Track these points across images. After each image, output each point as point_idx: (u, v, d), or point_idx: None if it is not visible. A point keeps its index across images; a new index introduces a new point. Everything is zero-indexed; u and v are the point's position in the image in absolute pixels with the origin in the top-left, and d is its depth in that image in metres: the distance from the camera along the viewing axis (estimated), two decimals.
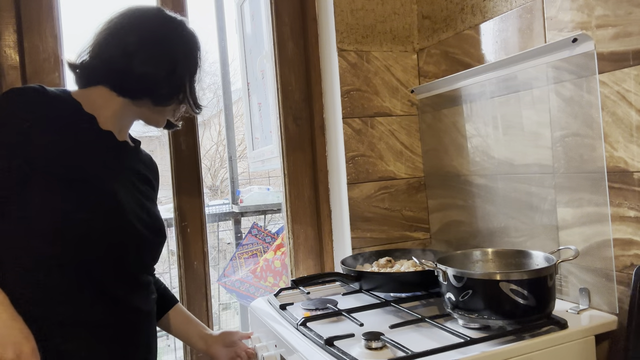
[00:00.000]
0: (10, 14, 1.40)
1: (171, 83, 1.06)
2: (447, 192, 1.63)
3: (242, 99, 2.43)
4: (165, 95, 1.07)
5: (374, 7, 1.66)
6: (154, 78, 1.04)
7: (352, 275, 1.39)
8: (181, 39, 1.09)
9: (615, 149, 1.10)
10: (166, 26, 1.08)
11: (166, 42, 1.07)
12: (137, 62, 1.02)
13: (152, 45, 1.04)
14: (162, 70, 1.04)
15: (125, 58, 1.02)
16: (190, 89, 1.10)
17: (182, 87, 1.09)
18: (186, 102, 1.12)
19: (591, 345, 1.08)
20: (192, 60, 1.11)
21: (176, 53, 1.07)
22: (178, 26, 1.09)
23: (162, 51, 1.05)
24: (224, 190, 6.19)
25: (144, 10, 1.08)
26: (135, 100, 1.06)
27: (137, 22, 1.06)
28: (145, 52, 1.03)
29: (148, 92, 1.05)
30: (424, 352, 0.97)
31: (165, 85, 1.05)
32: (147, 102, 1.07)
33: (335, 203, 1.72)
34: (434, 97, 1.63)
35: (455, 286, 1.10)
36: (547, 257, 1.14)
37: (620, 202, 1.10)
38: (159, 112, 1.11)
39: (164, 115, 1.14)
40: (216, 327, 1.57)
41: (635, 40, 1.04)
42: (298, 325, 1.18)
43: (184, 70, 1.08)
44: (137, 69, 1.02)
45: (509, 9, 1.35)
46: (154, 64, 1.04)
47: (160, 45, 1.05)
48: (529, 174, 1.32)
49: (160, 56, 1.05)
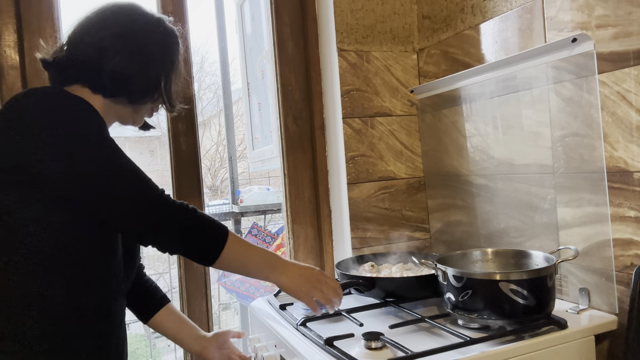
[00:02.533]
0: (10, 14, 1.40)
1: (145, 79, 1.03)
2: (447, 192, 1.63)
3: (242, 99, 2.43)
4: (139, 92, 1.04)
5: (374, 7, 1.66)
6: (126, 74, 1.00)
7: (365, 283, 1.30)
8: (156, 35, 1.06)
9: (615, 149, 1.10)
10: (140, 21, 1.05)
11: (139, 37, 1.03)
12: (109, 57, 0.99)
13: (125, 40, 1.01)
14: (135, 66, 1.01)
15: (97, 54, 0.99)
16: (165, 87, 1.06)
17: (156, 84, 1.05)
18: (161, 101, 1.08)
19: (591, 345, 1.08)
20: (168, 57, 1.07)
21: (150, 49, 1.04)
22: (154, 22, 1.06)
23: (134, 46, 1.02)
24: (224, 190, 6.19)
25: (119, 5, 1.05)
26: (112, 99, 1.02)
27: (111, 18, 1.03)
28: (117, 46, 1.00)
29: (122, 89, 1.01)
30: (424, 352, 0.97)
31: (138, 81, 1.02)
32: (123, 100, 1.04)
33: (335, 203, 1.72)
34: (434, 97, 1.63)
35: (455, 286, 1.10)
36: (546, 257, 1.14)
37: (620, 202, 1.10)
38: (135, 110, 1.08)
39: (140, 114, 1.10)
40: (216, 327, 1.57)
41: (635, 40, 1.04)
42: (298, 325, 1.18)
43: (159, 67, 1.05)
44: (109, 64, 0.99)
45: (509, 9, 1.35)
46: (126, 58, 1.00)
47: (133, 40, 1.02)
48: (529, 174, 1.32)
49: (132, 51, 1.01)
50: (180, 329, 1.27)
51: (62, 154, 0.88)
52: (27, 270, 0.89)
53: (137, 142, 6.10)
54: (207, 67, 6.84)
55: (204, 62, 6.73)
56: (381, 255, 1.54)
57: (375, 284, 1.29)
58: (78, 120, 0.92)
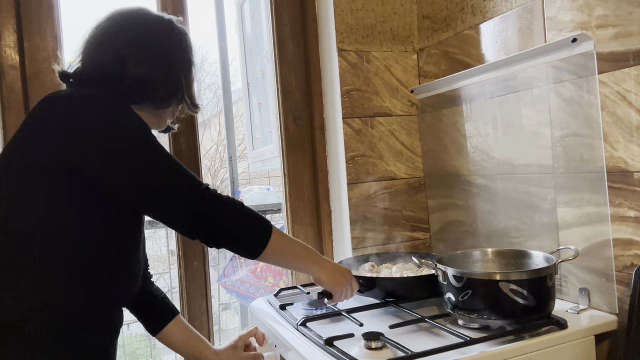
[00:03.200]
0: (10, 14, 1.40)
1: (168, 83, 1.04)
2: (447, 192, 1.63)
3: (242, 99, 2.43)
4: (164, 96, 1.05)
5: (374, 7, 1.66)
6: (150, 79, 1.01)
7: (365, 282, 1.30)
8: (172, 38, 1.07)
9: (615, 149, 1.10)
10: (154, 26, 1.06)
11: (157, 42, 1.04)
12: (130, 65, 0.99)
13: (144, 47, 1.02)
14: (157, 71, 1.02)
15: (118, 63, 0.99)
16: (186, 88, 1.08)
17: (179, 86, 1.07)
18: (184, 102, 1.10)
19: (591, 345, 1.08)
20: (185, 57, 1.08)
21: (169, 52, 1.05)
22: (167, 25, 1.07)
23: (154, 51, 1.03)
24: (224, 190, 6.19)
25: (131, 11, 1.05)
26: (137, 105, 1.02)
27: (126, 25, 1.03)
28: (137, 54, 1.00)
29: (146, 95, 1.02)
30: (424, 352, 0.97)
31: (162, 86, 1.03)
32: (147, 106, 1.04)
33: (335, 203, 1.72)
34: (434, 97, 1.63)
35: (455, 286, 1.10)
36: (546, 257, 1.14)
37: (620, 202, 1.10)
38: (159, 115, 1.09)
39: (164, 118, 1.12)
40: (216, 327, 1.57)
41: (635, 40, 1.04)
42: (298, 325, 1.18)
43: (179, 70, 1.06)
44: (132, 72, 0.99)
45: (509, 9, 1.35)
46: (148, 65, 1.01)
47: (152, 46, 1.03)
48: (528, 174, 1.32)
49: (153, 57, 1.02)
50: (198, 344, 1.24)
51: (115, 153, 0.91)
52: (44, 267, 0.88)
53: None
54: (207, 67, 6.83)
55: (204, 62, 6.72)
56: (382, 255, 1.54)
57: (375, 284, 1.29)
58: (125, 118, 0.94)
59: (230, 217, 0.96)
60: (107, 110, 0.93)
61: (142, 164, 0.92)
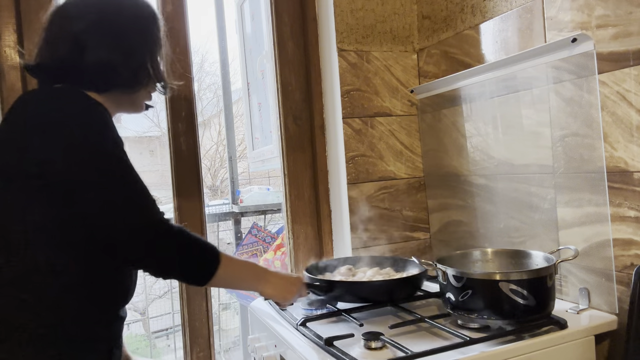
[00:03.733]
0: (10, 14, 1.40)
1: (131, 67, 0.97)
2: (447, 192, 1.63)
3: (242, 99, 2.43)
4: (129, 81, 0.98)
5: (374, 7, 1.66)
6: (111, 64, 0.95)
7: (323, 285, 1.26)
8: (133, 17, 0.99)
9: (615, 149, 1.10)
10: (115, 4, 0.99)
11: (116, 23, 0.97)
12: (90, 51, 0.93)
13: (103, 29, 0.95)
14: (118, 56, 0.95)
15: (77, 50, 0.93)
16: (154, 68, 1.01)
17: (144, 69, 0.99)
18: (152, 84, 1.03)
19: (591, 345, 1.08)
20: (150, 37, 1.01)
21: (129, 33, 0.98)
22: (129, 2, 1.00)
23: (113, 35, 0.96)
24: (224, 190, 6.19)
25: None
26: (105, 93, 0.97)
27: (84, 6, 0.97)
28: (95, 38, 0.94)
29: (111, 82, 0.96)
30: (424, 352, 0.97)
31: (125, 70, 0.97)
32: (116, 93, 0.99)
33: (335, 203, 1.72)
34: (434, 97, 1.63)
35: (455, 286, 1.10)
36: (546, 257, 1.14)
37: (620, 202, 1.10)
38: (132, 100, 1.04)
39: (138, 101, 1.06)
40: (216, 327, 1.57)
41: (635, 40, 1.04)
42: (298, 325, 1.18)
43: (143, 51, 0.99)
44: (92, 59, 0.93)
45: (509, 9, 1.35)
46: (107, 49, 0.94)
47: (111, 28, 0.96)
48: (528, 174, 1.32)
49: (112, 41, 0.95)
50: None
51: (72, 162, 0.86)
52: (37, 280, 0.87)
53: (137, 142, 6.10)
54: (207, 67, 6.83)
55: (204, 62, 6.71)
56: (378, 258, 1.52)
57: (332, 287, 1.25)
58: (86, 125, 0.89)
59: (180, 249, 0.92)
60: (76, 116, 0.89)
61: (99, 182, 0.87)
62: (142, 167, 0.96)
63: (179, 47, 1.55)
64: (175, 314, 5.02)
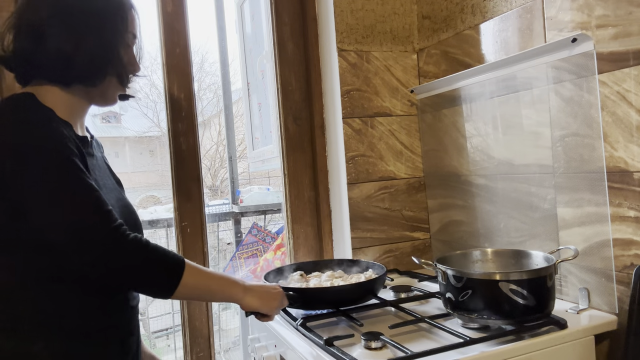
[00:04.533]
0: (11, 13, 1.39)
1: (85, 58, 0.91)
2: (447, 192, 1.63)
3: (242, 99, 2.43)
4: (88, 72, 0.93)
5: (374, 7, 1.66)
6: (69, 56, 0.90)
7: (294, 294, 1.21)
8: (92, 7, 0.93)
9: (615, 149, 1.10)
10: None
11: (73, 13, 0.91)
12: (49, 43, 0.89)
13: (61, 18, 0.90)
14: (70, 46, 0.90)
15: (38, 42, 0.89)
16: (112, 60, 0.95)
17: (100, 60, 0.93)
18: (117, 76, 0.97)
19: (591, 345, 1.09)
20: (110, 26, 0.94)
21: (84, 22, 0.92)
22: None
23: (67, 25, 0.91)
24: (224, 190, 6.19)
25: None
26: (69, 87, 0.93)
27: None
28: (54, 28, 0.90)
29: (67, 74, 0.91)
30: (424, 352, 0.97)
31: (80, 61, 0.91)
32: (79, 86, 0.94)
33: (335, 203, 1.72)
34: (434, 97, 1.63)
35: (454, 286, 1.10)
36: (546, 257, 1.14)
37: (620, 202, 1.10)
38: (102, 92, 0.98)
39: (109, 93, 1.00)
40: (216, 327, 1.57)
41: (635, 40, 1.04)
42: (298, 325, 1.18)
43: (100, 41, 0.93)
44: (51, 50, 0.89)
45: (509, 9, 1.35)
46: (65, 39, 0.90)
47: (70, 16, 0.91)
48: (528, 174, 1.32)
49: (71, 29, 0.91)
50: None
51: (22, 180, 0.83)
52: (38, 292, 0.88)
53: (137, 142, 6.09)
54: (207, 67, 6.82)
55: (204, 62, 6.71)
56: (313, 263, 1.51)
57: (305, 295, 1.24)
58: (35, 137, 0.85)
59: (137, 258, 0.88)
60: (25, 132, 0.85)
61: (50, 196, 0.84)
62: (142, 167, 0.95)
63: (179, 47, 1.55)
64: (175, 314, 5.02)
